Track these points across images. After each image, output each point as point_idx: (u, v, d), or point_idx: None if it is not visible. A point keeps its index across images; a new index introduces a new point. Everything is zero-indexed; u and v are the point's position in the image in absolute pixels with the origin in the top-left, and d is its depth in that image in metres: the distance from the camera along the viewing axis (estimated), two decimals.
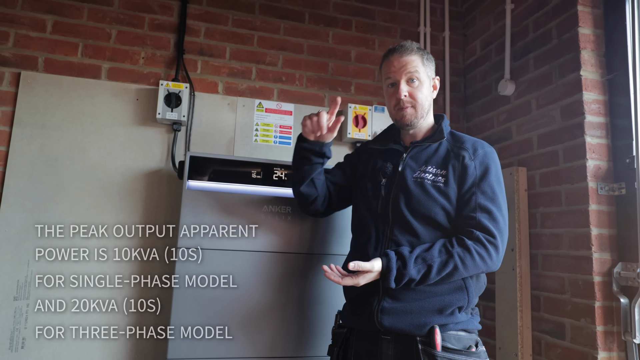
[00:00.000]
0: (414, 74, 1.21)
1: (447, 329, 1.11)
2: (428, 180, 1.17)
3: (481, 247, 1.10)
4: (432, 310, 1.11)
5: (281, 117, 2.00)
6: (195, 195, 1.54)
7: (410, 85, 1.22)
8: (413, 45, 1.24)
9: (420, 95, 1.22)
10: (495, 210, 1.13)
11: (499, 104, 2.01)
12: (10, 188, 1.68)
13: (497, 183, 1.17)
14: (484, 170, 1.17)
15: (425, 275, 1.08)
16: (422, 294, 1.12)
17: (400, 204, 1.18)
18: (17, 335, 1.62)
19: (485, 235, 1.11)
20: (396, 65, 1.22)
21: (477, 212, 1.13)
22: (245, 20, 2.04)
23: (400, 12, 2.26)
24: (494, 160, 1.20)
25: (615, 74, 1.58)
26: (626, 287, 1.46)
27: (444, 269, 1.08)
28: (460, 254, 1.09)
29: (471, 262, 1.09)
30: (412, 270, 1.07)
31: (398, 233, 1.17)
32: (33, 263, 1.67)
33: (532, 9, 1.86)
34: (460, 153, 1.19)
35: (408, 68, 1.21)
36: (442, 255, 1.09)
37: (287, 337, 1.52)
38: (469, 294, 1.13)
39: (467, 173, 1.16)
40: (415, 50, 1.23)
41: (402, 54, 1.22)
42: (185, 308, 1.46)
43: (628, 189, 1.49)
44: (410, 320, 1.11)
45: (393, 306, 1.12)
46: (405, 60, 1.21)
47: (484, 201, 1.14)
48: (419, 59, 1.23)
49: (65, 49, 1.83)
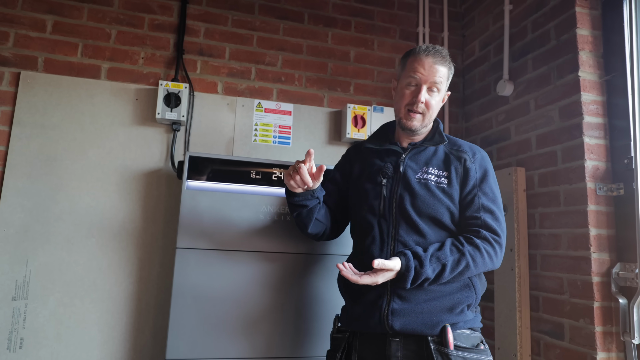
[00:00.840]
0: (437, 85, 1.21)
1: (457, 328, 1.12)
2: (432, 182, 1.19)
3: (489, 245, 1.14)
4: (443, 309, 1.12)
5: (280, 117, 2.01)
6: (195, 195, 1.54)
7: (430, 94, 1.22)
8: (447, 54, 1.24)
9: (434, 105, 1.24)
10: (497, 211, 1.19)
11: (498, 105, 2.02)
12: (9, 188, 1.68)
13: (495, 186, 1.23)
14: (483, 172, 1.22)
15: (440, 274, 1.09)
16: (432, 294, 1.13)
17: (405, 204, 1.18)
18: (15, 336, 1.62)
19: (491, 235, 1.15)
20: (427, 68, 1.20)
21: (481, 212, 1.17)
22: (245, 20, 2.04)
23: (399, 13, 2.26)
24: (489, 164, 1.26)
25: (613, 74, 1.59)
26: (625, 288, 1.46)
27: (457, 267, 1.10)
28: (472, 252, 1.12)
29: (481, 261, 1.13)
30: (428, 269, 1.08)
31: (404, 233, 1.17)
32: (32, 263, 1.67)
33: (531, 10, 1.86)
34: (461, 156, 1.23)
35: (435, 77, 1.20)
36: (455, 253, 1.11)
37: (285, 337, 1.52)
38: (476, 291, 1.17)
39: (469, 175, 1.20)
40: (448, 61, 1.23)
41: (437, 60, 1.20)
42: (183, 308, 1.46)
43: (626, 189, 1.49)
44: (422, 321, 1.11)
45: (403, 307, 1.12)
46: (436, 69, 1.20)
47: (486, 202, 1.18)
48: (447, 71, 1.23)
49: (65, 49, 1.83)
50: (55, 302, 1.67)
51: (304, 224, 1.29)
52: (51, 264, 1.68)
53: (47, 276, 1.67)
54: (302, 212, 1.26)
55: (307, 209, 1.25)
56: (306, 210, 1.26)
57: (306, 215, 1.27)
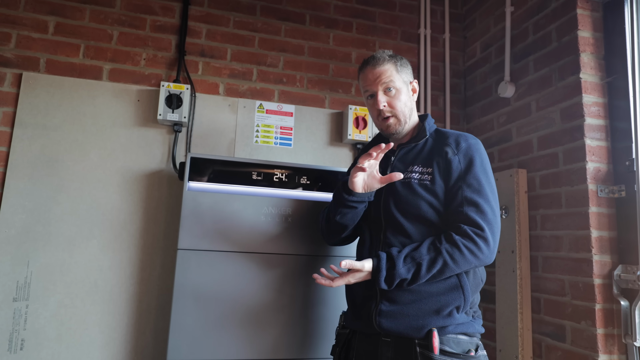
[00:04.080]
0: (389, 84, 1.22)
1: (447, 332, 1.09)
2: (415, 180, 1.17)
3: (469, 241, 1.08)
4: (429, 311, 1.10)
5: (282, 119, 2.01)
6: (196, 196, 1.54)
7: (388, 94, 1.22)
8: (384, 54, 1.24)
9: (398, 104, 1.22)
10: (483, 202, 1.11)
11: (499, 106, 2.02)
12: (10, 189, 1.68)
13: (482, 174, 1.14)
14: (467, 162, 1.15)
15: (416, 274, 1.08)
16: (418, 295, 1.12)
17: (390, 207, 1.19)
18: (16, 337, 1.62)
19: (472, 229, 1.08)
20: (371, 77, 1.23)
21: (464, 206, 1.11)
22: (247, 21, 2.05)
23: (400, 14, 2.27)
24: (478, 152, 1.17)
25: (614, 76, 1.59)
26: (626, 290, 1.46)
27: (434, 266, 1.07)
28: (449, 250, 1.07)
29: (461, 257, 1.07)
30: (401, 269, 1.07)
31: (390, 235, 1.18)
32: (33, 264, 1.66)
33: (532, 12, 1.86)
34: (443, 149, 1.18)
35: (382, 78, 1.21)
36: (431, 252, 1.08)
37: (287, 339, 1.52)
38: (465, 292, 1.11)
39: (452, 167, 1.15)
40: (387, 59, 1.23)
41: (375, 65, 1.22)
42: (185, 309, 1.46)
43: (628, 191, 1.49)
44: (408, 323, 1.10)
45: (390, 309, 1.13)
46: (378, 72, 1.22)
47: (470, 194, 1.11)
48: (392, 67, 1.23)
49: (66, 50, 1.83)
50: (56, 303, 1.67)
51: (345, 225, 1.26)
52: (52, 265, 1.68)
53: (48, 277, 1.67)
54: (349, 213, 1.23)
55: (355, 210, 1.23)
56: (353, 212, 1.23)
57: (351, 218, 1.24)
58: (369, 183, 1.18)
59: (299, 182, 1.67)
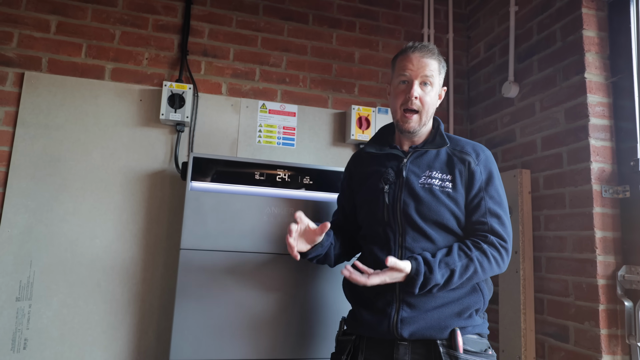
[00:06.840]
0: (429, 78, 1.19)
1: (466, 332, 1.12)
2: (436, 186, 1.16)
3: (495, 251, 1.13)
4: (451, 314, 1.12)
5: (285, 119, 2.00)
6: (198, 196, 1.54)
7: (423, 88, 1.19)
8: (435, 48, 1.22)
9: (429, 101, 1.20)
10: (503, 215, 1.17)
11: (503, 106, 2.01)
12: (13, 188, 1.68)
13: (500, 186, 1.21)
14: (488, 174, 1.19)
15: (449, 280, 1.08)
16: (440, 300, 1.12)
17: (410, 210, 1.16)
18: (19, 336, 1.62)
19: (498, 240, 1.13)
20: (415, 64, 1.18)
21: (488, 217, 1.15)
22: (249, 21, 2.04)
23: (404, 14, 2.26)
24: (494, 164, 1.22)
25: (619, 76, 1.58)
26: (630, 291, 1.46)
27: (465, 273, 1.09)
28: (479, 258, 1.10)
29: (488, 266, 1.12)
30: (437, 275, 1.07)
31: (411, 240, 1.15)
32: (35, 264, 1.66)
33: (536, 12, 1.85)
34: (465, 158, 1.19)
35: (426, 71, 1.18)
36: (462, 259, 1.10)
37: (289, 339, 1.52)
38: (484, 295, 1.16)
39: (475, 178, 1.17)
40: (436, 54, 1.21)
41: (424, 54, 1.19)
42: (188, 309, 1.46)
43: (632, 191, 1.49)
44: (431, 326, 1.10)
45: (412, 315, 1.11)
46: (425, 62, 1.18)
47: (492, 206, 1.16)
48: (437, 65, 1.21)
49: (69, 50, 1.83)
50: (59, 303, 1.67)
51: (326, 264, 1.33)
52: (55, 264, 1.68)
53: (51, 277, 1.67)
54: (321, 258, 1.28)
55: (321, 256, 1.26)
56: (324, 255, 1.27)
57: (324, 260, 1.29)
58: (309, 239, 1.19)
59: (302, 182, 1.66)
